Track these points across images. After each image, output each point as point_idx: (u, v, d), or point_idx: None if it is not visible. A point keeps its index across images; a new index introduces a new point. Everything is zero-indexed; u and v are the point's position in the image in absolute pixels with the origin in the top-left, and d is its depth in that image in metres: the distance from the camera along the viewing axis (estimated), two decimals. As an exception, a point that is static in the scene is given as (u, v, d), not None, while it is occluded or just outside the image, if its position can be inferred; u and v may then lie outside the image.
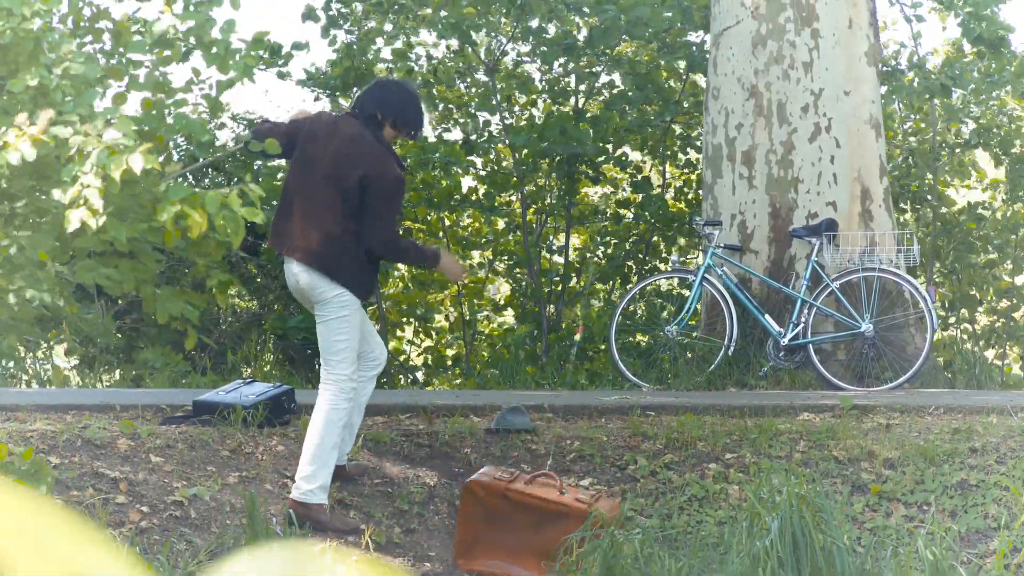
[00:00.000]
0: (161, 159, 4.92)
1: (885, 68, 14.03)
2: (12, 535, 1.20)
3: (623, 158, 15.34)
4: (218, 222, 4.77)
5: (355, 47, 15.04)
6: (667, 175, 15.89)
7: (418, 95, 8.01)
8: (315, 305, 7.67)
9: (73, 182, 4.61)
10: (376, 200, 7.56)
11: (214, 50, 5.21)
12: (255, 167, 14.90)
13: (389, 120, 7.77)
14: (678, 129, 15.61)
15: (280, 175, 14.41)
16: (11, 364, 13.28)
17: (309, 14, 15.05)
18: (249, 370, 13.19)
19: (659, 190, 15.33)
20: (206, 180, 14.73)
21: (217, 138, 15.38)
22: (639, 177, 15.44)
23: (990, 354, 14.81)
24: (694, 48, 14.94)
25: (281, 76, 15.31)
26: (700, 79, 15.79)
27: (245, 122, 15.72)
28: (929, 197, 15.09)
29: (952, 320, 14.89)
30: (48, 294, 4.90)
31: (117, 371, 13.00)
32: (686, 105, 15.47)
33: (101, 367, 13.39)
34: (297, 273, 7.63)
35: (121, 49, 5.20)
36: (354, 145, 7.65)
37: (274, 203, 14.17)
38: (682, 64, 15.23)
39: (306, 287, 7.63)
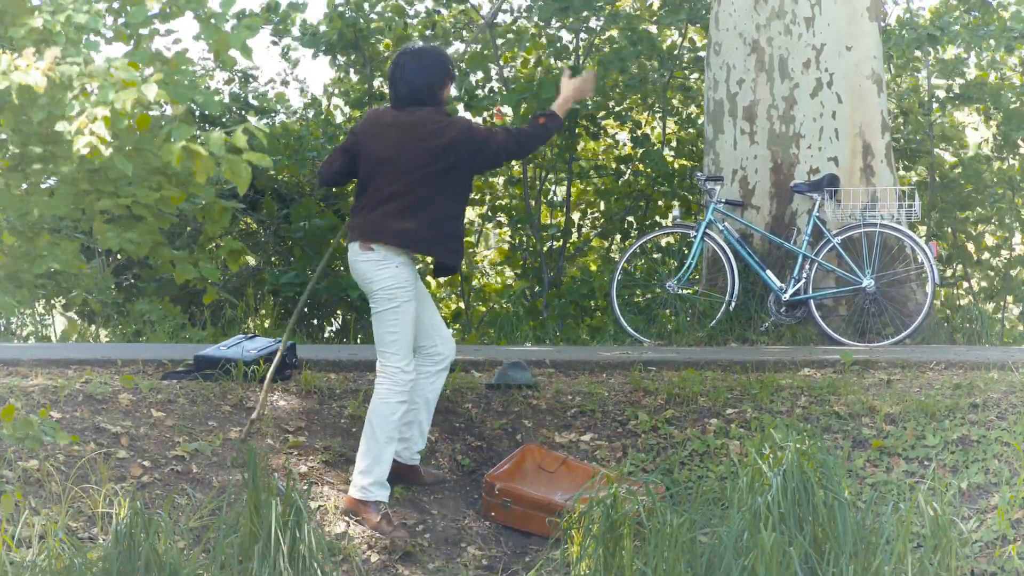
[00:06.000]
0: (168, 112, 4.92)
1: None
2: None
3: (623, 113, 15.29)
4: (224, 167, 4.75)
5: (350, 3, 14.99)
6: (666, 130, 15.85)
7: (431, 53, 7.92)
8: (369, 296, 7.66)
9: (80, 114, 4.61)
10: (473, 145, 7.61)
11: (212, 21, 5.17)
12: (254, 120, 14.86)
13: (441, 86, 7.75)
14: (677, 83, 15.55)
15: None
16: (12, 321, 13.28)
17: None
18: (249, 323, 13.19)
19: (659, 145, 15.29)
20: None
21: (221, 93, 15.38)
22: (638, 133, 15.39)
23: (988, 308, 14.83)
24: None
25: (277, 33, 15.25)
26: (697, 35, 15.74)
27: (240, 74, 15.69)
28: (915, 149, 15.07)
29: (948, 274, 14.91)
30: (63, 262, 4.90)
31: (118, 326, 12.98)
32: (686, 57, 15.41)
33: (99, 319, 13.39)
34: (354, 261, 7.65)
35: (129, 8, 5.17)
36: (428, 123, 7.64)
37: (274, 158, 14.21)
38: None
39: (360, 276, 7.65)
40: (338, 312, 14.27)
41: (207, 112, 13.90)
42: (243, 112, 14.91)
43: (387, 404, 7.55)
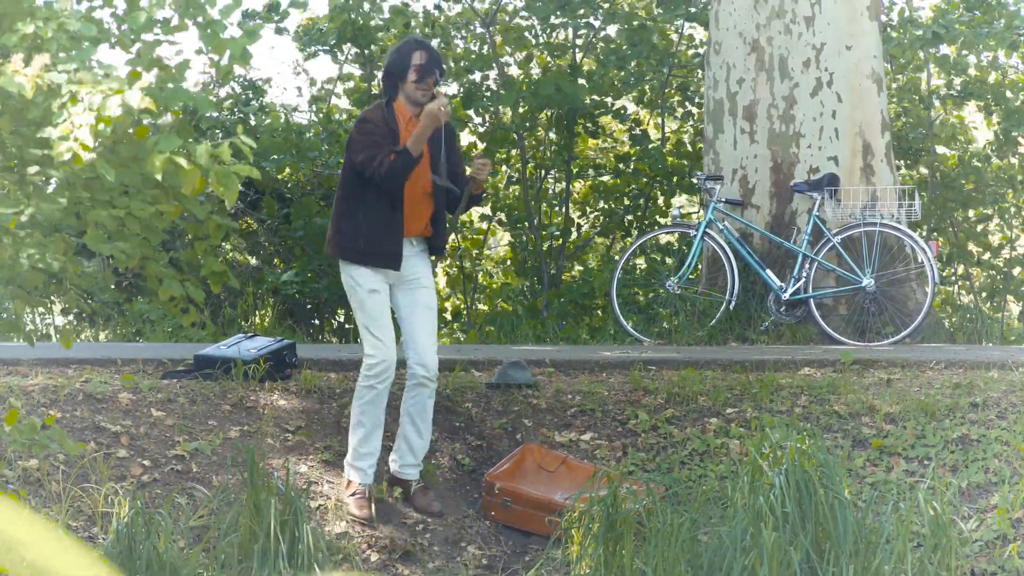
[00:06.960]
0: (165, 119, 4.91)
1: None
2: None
3: (622, 111, 15.29)
4: (211, 178, 4.75)
5: (351, 1, 15.00)
6: (665, 128, 15.84)
7: (401, 43, 7.91)
8: None
9: (65, 120, 4.61)
10: (349, 147, 7.67)
11: (209, 31, 5.16)
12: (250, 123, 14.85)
13: (396, 76, 7.70)
14: (676, 81, 15.55)
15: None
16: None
17: None
18: (249, 322, 13.18)
19: (657, 143, 15.28)
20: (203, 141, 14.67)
21: (218, 97, 15.35)
22: (637, 130, 15.39)
23: (988, 307, 14.81)
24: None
25: (279, 32, 15.27)
26: (698, 31, 15.74)
27: (248, 83, 15.68)
28: (921, 150, 15.06)
29: (947, 273, 14.91)
30: (55, 261, 4.90)
31: (118, 325, 12.97)
32: (687, 53, 15.40)
33: (100, 320, 13.38)
34: None
35: (128, 20, 5.15)
36: None
37: (273, 156, 14.21)
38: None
39: None
40: (339, 311, 14.26)
41: (206, 114, 13.87)
42: (245, 115, 14.89)
43: (358, 388, 7.69)
